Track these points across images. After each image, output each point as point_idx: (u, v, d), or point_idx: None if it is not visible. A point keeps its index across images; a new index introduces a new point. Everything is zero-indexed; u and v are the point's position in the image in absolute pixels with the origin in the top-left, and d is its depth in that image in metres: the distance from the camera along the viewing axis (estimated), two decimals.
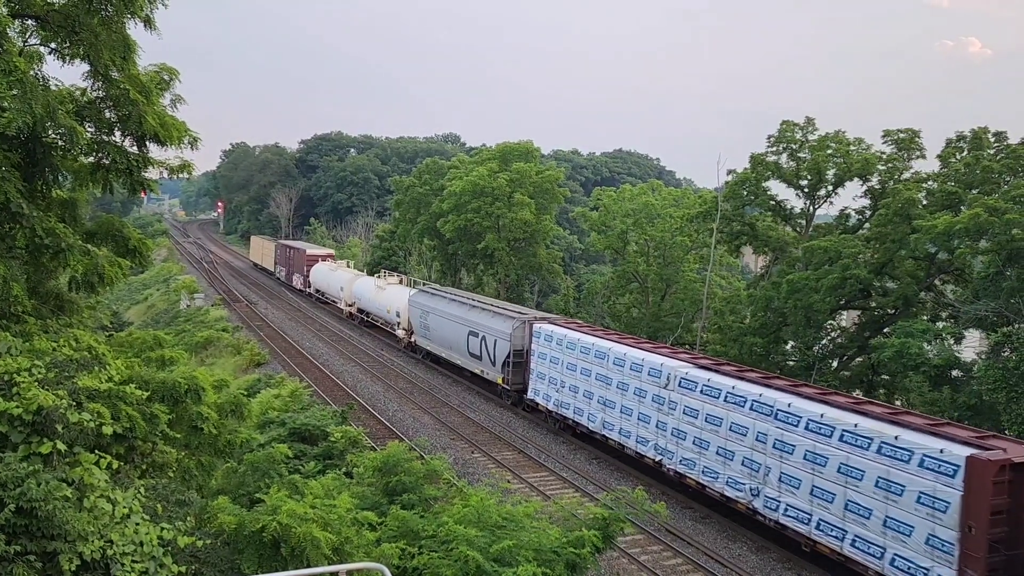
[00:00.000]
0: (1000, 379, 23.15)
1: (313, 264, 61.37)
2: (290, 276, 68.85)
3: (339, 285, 53.75)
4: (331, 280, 56.04)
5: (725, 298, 42.63)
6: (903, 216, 30.74)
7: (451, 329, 35.40)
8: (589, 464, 25.07)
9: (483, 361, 32.48)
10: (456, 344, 35.06)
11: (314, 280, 60.64)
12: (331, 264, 59.92)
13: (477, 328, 32.90)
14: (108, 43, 11.71)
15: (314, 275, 60.54)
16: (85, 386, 9.26)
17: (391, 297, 44.46)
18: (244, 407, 13.38)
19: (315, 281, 60.35)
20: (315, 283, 60.46)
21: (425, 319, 38.28)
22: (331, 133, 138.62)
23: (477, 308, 34.08)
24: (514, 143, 59.43)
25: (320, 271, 59.55)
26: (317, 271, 60.07)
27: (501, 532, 12.70)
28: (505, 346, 30.46)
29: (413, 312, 39.93)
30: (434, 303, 37.77)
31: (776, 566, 18.11)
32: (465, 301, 35.82)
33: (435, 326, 37.15)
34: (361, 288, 49.89)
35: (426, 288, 41.87)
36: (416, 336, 40.31)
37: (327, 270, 58.19)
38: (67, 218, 13.02)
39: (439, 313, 36.64)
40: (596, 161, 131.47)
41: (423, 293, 40.36)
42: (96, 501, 8.08)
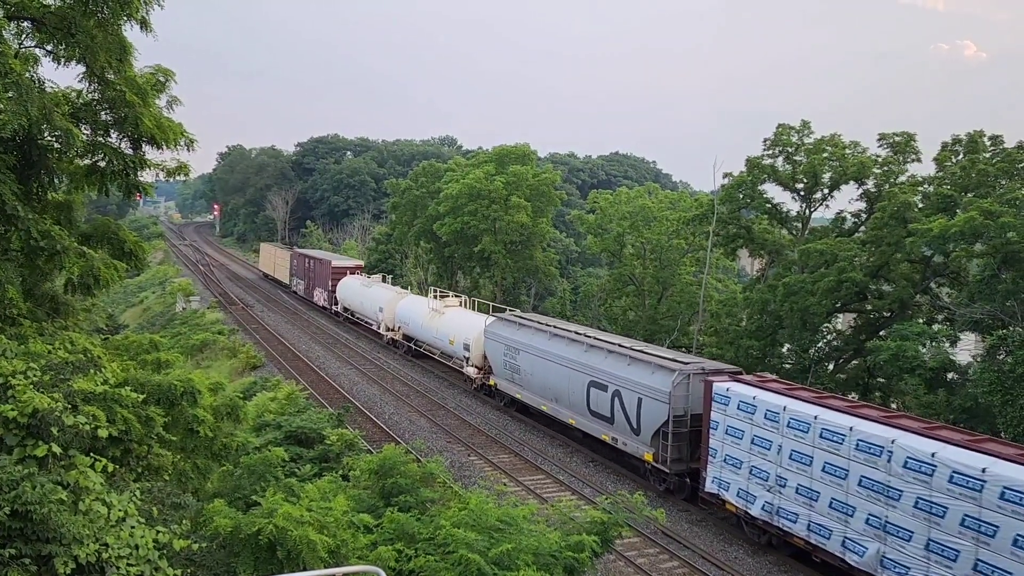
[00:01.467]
0: (995, 382, 23.20)
1: (340, 278, 53.17)
2: (310, 290, 60.30)
3: (377, 305, 45.40)
4: (365, 298, 47.93)
5: (721, 301, 42.69)
6: (899, 219, 30.81)
7: (558, 375, 26.80)
8: (586, 467, 25.06)
9: (616, 426, 23.83)
10: (566, 396, 26.52)
11: (343, 297, 52.16)
12: (362, 279, 52.09)
13: (606, 378, 24.16)
14: (104, 45, 11.70)
15: (343, 291, 52.15)
16: (81, 389, 9.24)
17: (454, 325, 35.97)
18: (240, 410, 13.35)
19: (344, 298, 52.01)
20: (344, 300, 52.12)
21: (512, 358, 29.82)
22: (327, 136, 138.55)
23: (602, 350, 25.07)
24: (511, 146, 59.49)
25: (350, 287, 51.40)
26: (346, 287, 51.86)
27: (499, 535, 12.69)
28: (659, 409, 21.68)
29: (492, 347, 31.54)
30: (527, 338, 29.13)
31: (772, 569, 18.11)
32: (581, 338, 26.70)
33: (529, 368, 28.69)
34: (409, 310, 41.01)
35: (509, 317, 32.38)
36: (497, 378, 31.70)
37: (359, 286, 50.05)
38: (63, 220, 12.99)
39: (536, 352, 28.17)
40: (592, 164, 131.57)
41: (506, 323, 31.53)
42: (91, 504, 8.06)
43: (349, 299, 51.16)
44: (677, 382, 21.32)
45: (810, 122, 37.86)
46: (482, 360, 33.06)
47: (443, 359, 38.77)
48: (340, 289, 52.58)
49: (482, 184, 53.92)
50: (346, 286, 51.95)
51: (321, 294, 57.29)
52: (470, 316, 36.51)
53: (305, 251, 67.68)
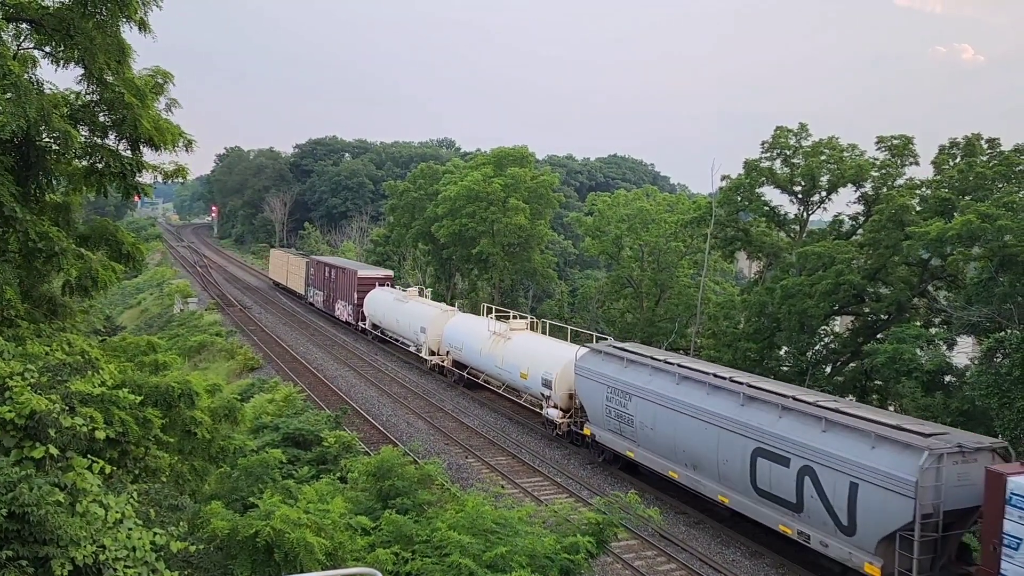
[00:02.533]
0: (992, 385, 23.24)
1: (368, 290, 47.06)
2: (331, 303, 54.05)
3: (417, 324, 38.86)
4: (401, 315, 41.17)
5: (719, 303, 42.74)
6: (896, 222, 30.87)
7: (698, 435, 19.86)
8: (583, 469, 25.05)
9: (807, 517, 16.92)
10: (712, 464, 19.47)
11: (372, 312, 45.88)
12: (395, 292, 45.07)
13: (785, 447, 17.19)
14: (103, 46, 11.71)
15: (371, 305, 45.83)
16: (78, 390, 9.24)
17: (526, 354, 29.23)
18: (237, 412, 13.36)
19: (373, 314, 45.69)
20: (373, 316, 45.83)
21: (620, 404, 22.83)
22: (326, 137, 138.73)
23: (774, 406, 18.02)
24: (509, 148, 59.57)
25: (381, 301, 44.77)
26: (376, 301, 45.43)
27: (495, 537, 12.70)
28: (896, 505, 14.88)
29: (586, 387, 24.64)
30: (641, 379, 22.25)
31: (770, 571, 18.11)
32: (731, 384, 19.57)
33: (648, 420, 21.74)
34: (462, 333, 34.71)
35: (610, 348, 24.76)
36: (594, 427, 24.57)
37: (392, 300, 43.32)
38: (61, 222, 12.99)
39: (658, 399, 21.30)
40: (591, 166, 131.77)
41: (606, 357, 24.27)
42: (88, 506, 8.05)
43: (380, 315, 44.67)
44: (928, 466, 14.42)
45: (808, 125, 38.00)
46: (568, 401, 26.57)
47: (508, 393, 32.55)
48: (368, 303, 46.31)
49: (480, 186, 53.98)
50: (376, 300, 45.54)
51: (344, 308, 50.93)
52: (548, 344, 29.57)
53: (324, 259, 60.15)
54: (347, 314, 50.49)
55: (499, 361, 30.77)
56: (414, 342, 39.97)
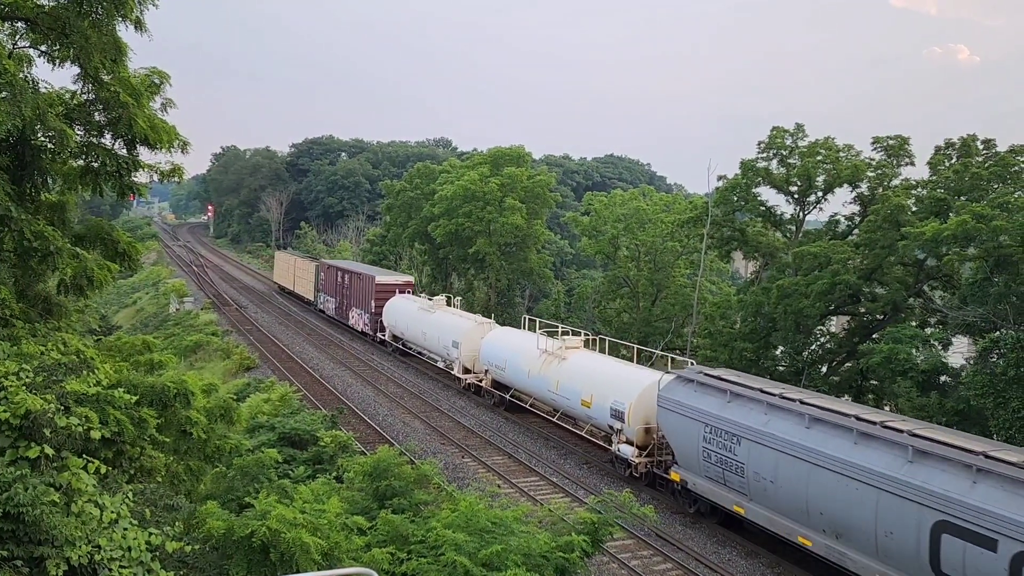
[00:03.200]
0: (987, 385, 23.31)
1: (387, 298, 43.31)
2: (344, 311, 50.27)
3: (448, 338, 35.22)
4: (428, 327, 37.32)
5: (715, 303, 42.79)
6: (892, 222, 30.94)
7: (853, 498, 15.60)
8: (579, 469, 25.07)
9: None
10: (867, 535, 15.40)
11: (392, 323, 42.11)
12: (419, 300, 40.89)
13: (986, 524, 13.08)
14: (98, 45, 11.68)
15: (392, 314, 42.07)
16: (73, 390, 9.23)
17: (587, 377, 25.28)
18: (233, 411, 13.35)
19: (394, 324, 41.87)
20: (394, 327, 42.04)
21: (727, 448, 18.67)
22: (322, 137, 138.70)
23: (961, 465, 14.00)
24: (505, 148, 59.56)
25: (402, 311, 40.93)
26: (396, 310, 41.63)
27: (490, 536, 12.70)
28: None
29: (673, 422, 20.53)
30: (754, 418, 18.08)
31: (766, 571, 18.15)
32: (888, 432, 15.63)
33: (768, 472, 17.60)
34: (504, 350, 30.82)
35: (705, 377, 20.40)
36: (687, 472, 20.47)
37: (416, 310, 39.37)
38: (56, 221, 12.98)
39: (782, 446, 17.17)
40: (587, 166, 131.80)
41: (700, 388, 20.14)
42: (84, 506, 8.05)
43: (402, 326, 40.74)
44: None
45: (804, 125, 38.06)
46: (645, 436, 22.66)
47: (563, 422, 28.17)
48: (388, 312, 42.40)
49: (477, 186, 53.97)
50: (396, 309, 41.69)
51: (360, 316, 47.16)
52: (615, 367, 25.42)
53: (337, 263, 56.04)
54: (363, 323, 46.62)
55: (552, 385, 26.92)
56: (443, 357, 36.21)
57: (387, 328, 43.00)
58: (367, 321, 45.78)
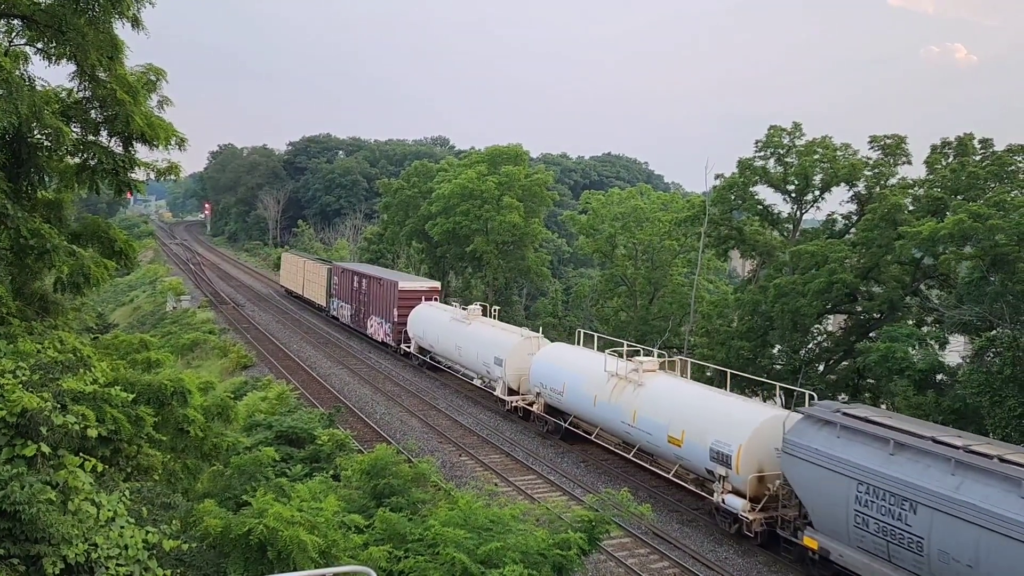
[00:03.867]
0: (984, 383, 23.36)
1: (412, 305, 39.61)
2: (361, 319, 46.23)
3: (488, 353, 31.04)
4: (463, 340, 33.29)
5: (713, 302, 42.84)
6: (889, 221, 30.98)
7: None
8: (576, 467, 25.08)
9: None
10: None
11: (419, 334, 38.16)
12: (449, 309, 37.12)
13: None
14: (95, 43, 11.66)
15: (417, 324, 38.17)
16: (70, 388, 9.22)
17: (677, 410, 21.44)
18: (230, 410, 13.34)
19: (421, 335, 37.92)
20: (421, 339, 38.05)
21: (894, 514, 14.92)
22: (319, 135, 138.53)
23: None
24: (503, 146, 59.57)
25: (431, 321, 37.05)
26: (423, 320, 37.82)
27: (488, 534, 12.71)
28: None
29: (807, 474, 16.89)
30: (941, 479, 14.26)
31: (763, 569, 18.17)
32: None
33: (969, 553, 13.65)
34: (560, 370, 26.97)
35: (850, 420, 16.66)
36: (829, 539, 16.68)
37: (447, 321, 35.49)
38: (52, 219, 12.95)
39: (999, 523, 13.10)
40: (585, 165, 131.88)
41: (846, 432, 16.43)
42: (80, 504, 8.04)
43: (431, 338, 36.74)
44: None
45: (801, 124, 38.09)
46: (759, 487, 18.85)
47: (640, 458, 23.41)
48: (414, 322, 38.56)
49: (474, 184, 53.96)
50: (424, 319, 37.83)
51: (380, 326, 43.24)
52: (711, 398, 21.40)
53: (352, 266, 52.05)
54: (383, 333, 42.77)
55: (627, 416, 22.88)
56: (482, 375, 32.11)
57: (412, 339, 39.06)
58: (388, 331, 41.93)
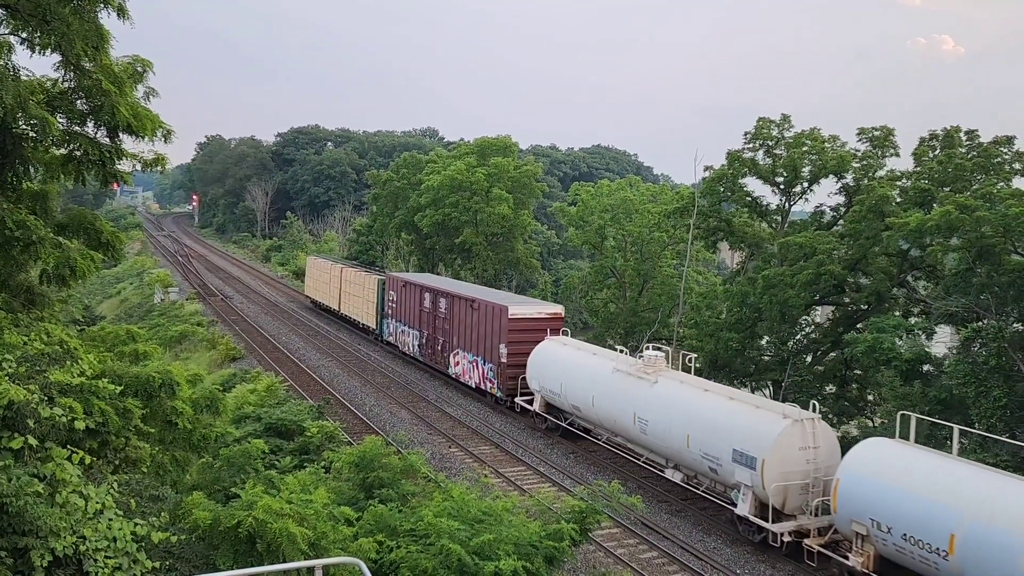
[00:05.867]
0: (969, 374, 23.55)
1: (531, 339, 28.36)
2: (440, 352, 34.69)
3: (719, 441, 19.31)
4: (655, 410, 21.54)
5: (701, 293, 42.96)
6: (877, 213, 31.11)
7: None
8: (566, 459, 25.16)
9: None
10: None
11: (547, 384, 26.55)
12: (604, 354, 26.02)
13: None
14: (80, 33, 11.53)
15: (547, 371, 26.66)
16: (57, 380, 9.16)
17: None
18: (219, 402, 13.28)
19: (556, 389, 25.94)
20: (553, 392, 26.22)
21: None
22: (308, 126, 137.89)
23: None
24: (492, 138, 59.49)
25: (568, 367, 25.71)
26: (557, 365, 26.27)
27: (480, 526, 12.75)
28: None
29: None
30: None
31: (750, 559, 18.30)
32: None
33: None
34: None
35: None
36: None
37: (606, 373, 23.82)
38: (38, 210, 12.83)
39: None
40: (574, 156, 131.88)
41: None
42: (68, 496, 8.00)
43: (575, 395, 24.86)
44: None
45: (790, 116, 38.17)
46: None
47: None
48: (538, 367, 26.98)
49: (463, 176, 53.89)
50: (556, 364, 26.16)
51: (475, 366, 31.58)
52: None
53: (421, 279, 39.95)
54: (481, 377, 31.16)
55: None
56: (696, 469, 20.61)
57: (537, 392, 27.23)
58: (490, 374, 30.45)
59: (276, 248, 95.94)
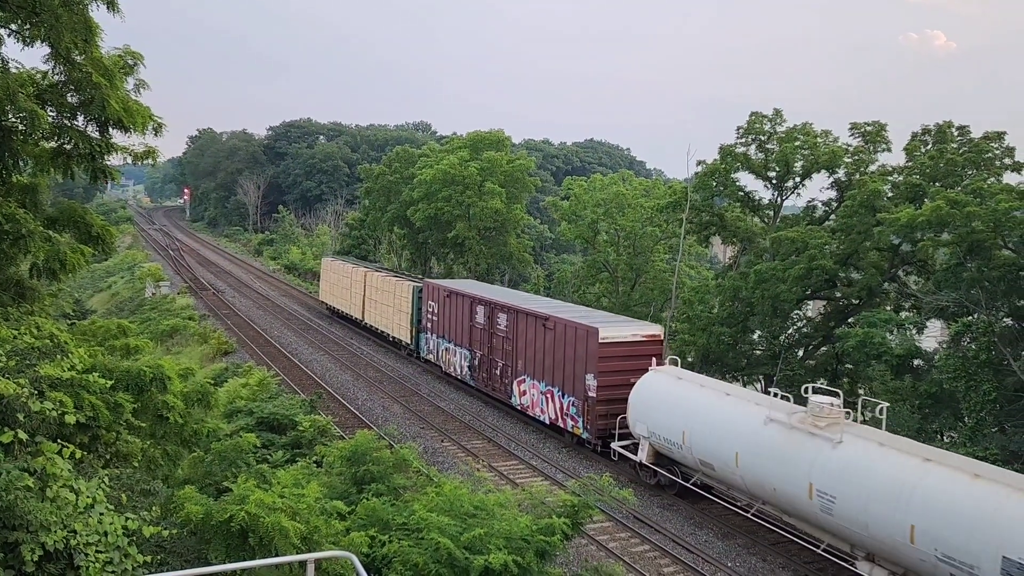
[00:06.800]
0: (960, 368, 23.70)
1: (626, 370, 23.18)
2: (500, 377, 29.33)
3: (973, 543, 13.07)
4: (847, 482, 15.36)
5: (694, 288, 43.05)
6: (868, 208, 31.22)
7: None
8: (559, 452, 25.19)
9: None
10: None
11: (658, 429, 20.78)
12: (745, 396, 20.04)
13: None
14: (69, 25, 11.45)
15: (655, 412, 21.00)
16: (47, 375, 9.12)
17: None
18: (211, 396, 13.27)
19: (676, 440, 20.14)
20: (677, 445, 20.17)
21: None
22: (300, 120, 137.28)
23: None
24: (485, 132, 59.36)
25: (692, 409, 19.95)
26: (671, 405, 20.62)
27: (473, 521, 12.77)
28: None
29: None
30: None
31: (741, 551, 18.38)
32: None
33: None
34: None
35: None
36: None
37: (755, 424, 17.90)
38: (28, 204, 12.77)
39: None
40: (567, 151, 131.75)
41: None
42: (59, 491, 7.97)
43: (704, 448, 19.51)
44: None
45: (782, 110, 38.23)
46: None
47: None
48: (643, 406, 21.49)
49: (456, 170, 53.78)
50: (673, 402, 20.71)
51: (547, 396, 26.25)
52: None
53: (471, 288, 34.14)
54: (559, 411, 25.50)
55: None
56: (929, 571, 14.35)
57: (644, 439, 21.26)
58: (572, 410, 24.83)
59: (268, 242, 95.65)
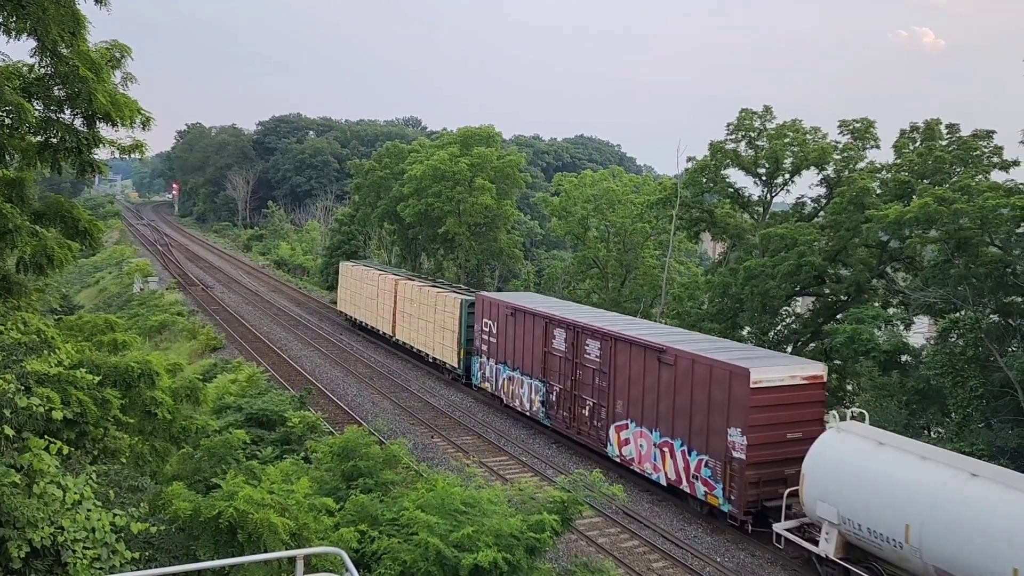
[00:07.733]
0: (947, 364, 23.83)
1: (787, 421, 18.53)
2: (593, 419, 23.72)
3: None
4: None
5: (684, 284, 43.13)
6: (857, 205, 31.34)
7: None
8: (548, 448, 25.24)
9: None
10: None
11: (860, 511, 15.03)
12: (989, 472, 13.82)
13: None
14: (56, 17, 11.35)
15: (848, 484, 15.39)
16: (34, 370, 9.07)
17: None
18: (199, 392, 13.21)
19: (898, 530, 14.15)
20: (888, 535, 14.38)
21: None
22: (289, 115, 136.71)
23: None
24: (475, 127, 59.21)
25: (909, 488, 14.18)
26: (874, 478, 14.90)
27: (463, 518, 12.75)
28: None
29: None
30: None
31: (730, 547, 18.47)
32: None
33: None
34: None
35: None
36: None
37: None
38: (14, 198, 12.65)
39: None
40: (557, 147, 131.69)
41: None
42: (46, 487, 7.93)
43: (947, 556, 13.39)
44: None
45: (772, 107, 38.33)
46: None
47: None
48: (828, 474, 16.07)
49: (446, 166, 53.65)
50: (877, 479, 14.93)
51: (663, 450, 21.02)
52: None
53: (544, 307, 27.87)
54: (685, 471, 20.26)
55: None
56: None
57: (832, 525, 15.99)
58: (705, 473, 19.57)
59: (257, 237, 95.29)
